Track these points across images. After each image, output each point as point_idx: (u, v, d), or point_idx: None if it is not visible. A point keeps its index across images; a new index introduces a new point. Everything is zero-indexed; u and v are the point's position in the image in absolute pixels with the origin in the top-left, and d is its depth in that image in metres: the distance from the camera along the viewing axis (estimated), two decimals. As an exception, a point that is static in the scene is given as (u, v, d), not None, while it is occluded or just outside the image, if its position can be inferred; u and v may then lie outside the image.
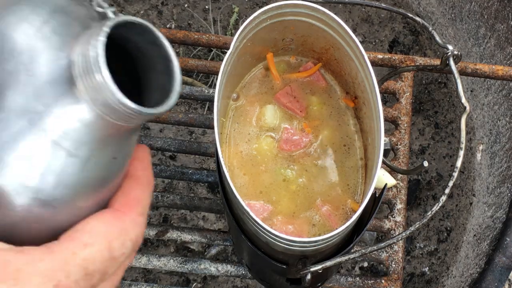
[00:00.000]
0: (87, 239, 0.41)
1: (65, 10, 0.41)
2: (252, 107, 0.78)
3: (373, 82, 0.68)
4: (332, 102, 0.79)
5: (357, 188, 0.76)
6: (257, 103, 0.78)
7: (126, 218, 0.44)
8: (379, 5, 0.76)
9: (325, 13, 0.69)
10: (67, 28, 0.40)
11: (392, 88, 1.05)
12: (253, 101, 0.78)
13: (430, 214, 0.67)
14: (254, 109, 0.77)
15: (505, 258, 0.95)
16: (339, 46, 0.72)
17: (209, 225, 1.30)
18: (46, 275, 0.39)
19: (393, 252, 0.98)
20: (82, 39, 0.39)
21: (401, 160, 1.02)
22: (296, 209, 0.74)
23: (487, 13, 1.19)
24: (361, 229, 0.72)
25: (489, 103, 1.21)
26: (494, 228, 1.05)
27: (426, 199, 1.34)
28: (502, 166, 1.14)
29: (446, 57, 0.72)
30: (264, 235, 0.66)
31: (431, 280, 1.27)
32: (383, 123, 0.67)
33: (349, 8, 1.44)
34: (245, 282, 1.26)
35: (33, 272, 0.39)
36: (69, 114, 0.39)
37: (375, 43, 1.43)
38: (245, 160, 0.76)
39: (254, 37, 0.71)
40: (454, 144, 1.36)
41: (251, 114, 0.77)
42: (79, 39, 0.39)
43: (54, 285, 0.39)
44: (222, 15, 1.44)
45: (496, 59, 1.17)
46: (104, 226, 0.42)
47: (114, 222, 0.43)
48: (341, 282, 0.96)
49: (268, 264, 0.74)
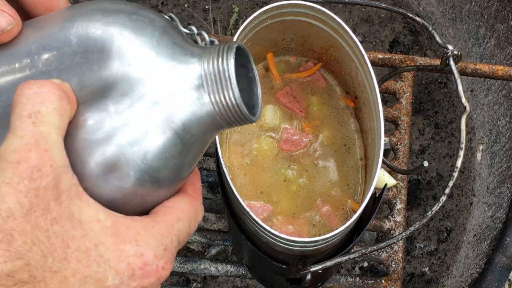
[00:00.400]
0: (179, 215, 0.50)
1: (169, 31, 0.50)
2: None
3: (373, 82, 0.68)
4: (332, 102, 0.79)
5: (357, 188, 0.76)
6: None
7: (197, 203, 0.53)
8: (379, 5, 0.76)
9: (325, 13, 0.69)
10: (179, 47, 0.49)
11: (392, 88, 1.05)
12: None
13: (430, 214, 0.67)
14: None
15: (505, 258, 0.95)
16: (339, 46, 0.72)
17: (209, 225, 1.30)
18: (159, 239, 0.48)
19: (393, 252, 0.98)
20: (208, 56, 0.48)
21: (401, 160, 1.02)
22: (296, 210, 0.74)
23: (487, 13, 1.19)
24: (361, 229, 0.72)
25: (489, 103, 1.21)
26: (494, 228, 1.05)
27: (426, 199, 1.34)
28: (502, 166, 1.14)
29: (446, 57, 0.72)
30: (264, 235, 0.66)
31: (431, 280, 1.27)
32: (383, 123, 0.67)
33: (349, 8, 1.44)
34: (245, 282, 1.26)
35: (149, 235, 0.47)
36: (193, 112, 0.47)
37: (375, 43, 1.43)
38: (245, 160, 0.76)
39: (254, 37, 0.71)
40: (454, 144, 1.36)
41: (251, 114, 0.77)
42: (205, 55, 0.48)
43: (163, 248, 0.48)
44: (222, 15, 1.44)
45: (496, 59, 1.17)
46: (188, 206, 0.51)
47: (192, 205, 0.52)
48: (341, 282, 0.96)
49: (268, 264, 0.74)
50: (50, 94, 0.45)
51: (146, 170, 0.47)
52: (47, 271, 0.43)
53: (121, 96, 0.46)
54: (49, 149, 0.43)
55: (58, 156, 0.44)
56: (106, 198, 0.47)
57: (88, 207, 0.45)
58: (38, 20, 0.51)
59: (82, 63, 0.47)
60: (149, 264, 0.47)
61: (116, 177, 0.46)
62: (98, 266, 0.45)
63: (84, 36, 0.47)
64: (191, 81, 0.48)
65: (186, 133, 0.48)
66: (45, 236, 0.43)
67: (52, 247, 0.43)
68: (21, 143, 0.43)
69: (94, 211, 0.46)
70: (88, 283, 0.45)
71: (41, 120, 0.44)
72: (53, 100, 0.44)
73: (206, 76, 0.47)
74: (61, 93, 0.45)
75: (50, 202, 0.43)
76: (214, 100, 0.47)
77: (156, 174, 0.47)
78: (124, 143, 0.46)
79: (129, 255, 0.46)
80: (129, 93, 0.46)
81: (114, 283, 0.46)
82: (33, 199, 0.43)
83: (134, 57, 0.47)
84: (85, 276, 0.44)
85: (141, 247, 0.47)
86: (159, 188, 0.49)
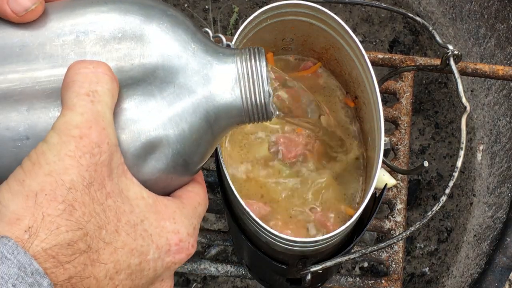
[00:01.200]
0: (199, 199, 0.55)
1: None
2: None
3: (373, 82, 0.67)
4: (332, 102, 0.79)
5: (357, 188, 0.75)
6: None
7: (205, 190, 0.57)
8: (379, 5, 0.76)
9: (325, 13, 0.69)
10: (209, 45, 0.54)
11: (392, 88, 1.05)
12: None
13: (430, 214, 0.66)
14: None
15: (506, 258, 0.95)
16: (339, 46, 0.72)
17: (209, 225, 1.30)
18: (189, 218, 0.52)
19: (393, 252, 0.98)
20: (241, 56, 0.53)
21: (401, 160, 1.02)
22: (294, 211, 0.74)
23: (487, 13, 1.19)
24: (361, 229, 0.72)
25: (489, 103, 1.21)
26: (495, 228, 1.05)
27: (426, 199, 1.34)
28: (503, 166, 1.14)
29: (447, 57, 0.72)
30: (264, 235, 0.66)
31: (431, 280, 1.27)
32: (383, 123, 0.67)
33: (349, 8, 1.44)
34: (245, 282, 1.26)
35: (183, 215, 0.52)
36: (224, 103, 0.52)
37: (375, 43, 1.42)
38: (245, 160, 0.76)
39: (254, 37, 0.71)
40: (454, 144, 1.35)
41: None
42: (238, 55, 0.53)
43: (193, 227, 0.53)
44: (222, 15, 1.43)
45: (496, 59, 1.17)
46: (203, 192, 0.56)
47: (203, 190, 0.57)
48: (341, 282, 0.96)
49: (268, 264, 0.74)
50: (104, 75, 0.47)
51: (182, 154, 0.51)
52: (101, 242, 0.46)
53: (165, 84, 0.50)
54: (106, 128, 0.46)
55: (112, 135, 0.47)
56: (142, 177, 0.50)
57: (133, 185, 0.49)
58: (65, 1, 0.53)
59: (120, 49, 0.50)
60: (183, 241, 0.51)
61: (155, 158, 0.50)
62: (143, 240, 0.48)
63: (122, 23, 0.50)
64: (226, 77, 0.52)
65: (216, 123, 0.52)
66: (101, 209, 0.46)
67: (107, 220, 0.46)
68: (82, 120, 0.45)
69: (138, 188, 0.49)
70: (134, 255, 0.47)
71: (98, 100, 0.46)
72: (107, 81, 0.47)
73: (240, 74, 0.52)
74: (112, 75, 0.48)
75: (105, 177, 0.46)
76: (244, 96, 0.52)
77: (188, 159, 0.52)
78: (167, 126, 0.49)
79: (168, 231, 0.50)
80: (171, 81, 0.50)
81: (154, 257, 0.49)
82: (92, 173, 0.45)
83: (173, 48, 0.50)
84: (131, 249, 0.47)
85: (178, 224, 0.51)
86: (186, 172, 0.53)
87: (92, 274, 0.45)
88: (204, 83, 0.51)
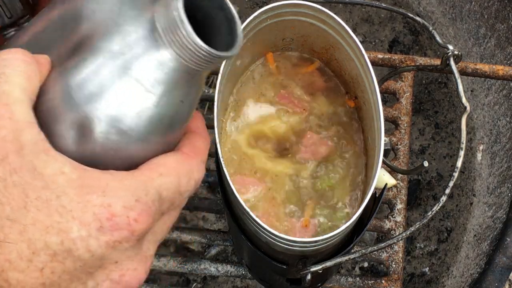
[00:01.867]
0: (162, 170, 0.49)
1: None
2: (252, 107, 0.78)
3: (373, 82, 0.67)
4: (332, 101, 0.79)
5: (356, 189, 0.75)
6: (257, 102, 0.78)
7: (193, 162, 0.51)
8: (379, 5, 0.76)
9: (325, 13, 0.69)
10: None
11: (392, 88, 1.05)
12: (253, 101, 0.78)
13: (430, 214, 0.66)
14: (254, 109, 0.77)
15: (506, 258, 0.95)
16: (339, 46, 0.72)
17: (209, 225, 1.30)
18: (130, 190, 0.46)
19: (393, 252, 0.98)
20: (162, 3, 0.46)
21: (401, 160, 1.02)
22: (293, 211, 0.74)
23: (487, 13, 1.19)
24: (361, 229, 0.72)
25: (489, 103, 1.21)
26: (495, 228, 1.05)
27: (426, 199, 1.34)
28: (503, 166, 1.14)
29: (447, 57, 0.72)
30: (264, 235, 0.66)
31: (431, 280, 1.27)
32: (383, 123, 0.67)
33: (349, 8, 1.44)
34: (245, 282, 1.26)
35: (118, 186, 0.46)
36: (151, 57, 0.46)
37: (375, 43, 1.43)
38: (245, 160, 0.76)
39: (254, 37, 0.71)
40: (455, 144, 1.36)
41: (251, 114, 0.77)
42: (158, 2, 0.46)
43: (135, 199, 0.46)
44: (222, 15, 1.43)
45: (496, 59, 1.17)
46: (176, 163, 0.50)
47: (184, 162, 0.51)
48: (341, 282, 0.96)
49: (268, 264, 0.74)
50: (15, 60, 0.47)
51: (109, 122, 0.46)
52: (4, 219, 0.44)
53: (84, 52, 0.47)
54: (9, 104, 0.45)
55: (19, 111, 0.45)
56: (81, 154, 0.47)
57: (54, 161, 0.45)
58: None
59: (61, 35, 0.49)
60: (118, 215, 0.45)
61: (83, 132, 0.47)
62: (60, 216, 0.44)
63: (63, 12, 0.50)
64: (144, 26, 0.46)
65: (149, 81, 0.47)
66: (2, 185, 0.44)
67: (10, 196, 0.44)
68: None
69: (59, 164, 0.45)
70: (50, 233, 0.44)
71: (5, 80, 0.46)
72: (19, 64, 0.47)
73: (158, 18, 0.46)
74: (27, 59, 0.47)
75: (9, 153, 0.44)
76: (169, 40, 0.46)
77: (122, 126, 0.47)
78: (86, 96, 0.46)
79: (94, 205, 0.45)
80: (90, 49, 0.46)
81: (80, 235, 0.44)
82: None
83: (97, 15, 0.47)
84: (46, 226, 0.44)
85: (108, 197, 0.45)
86: (131, 143, 0.48)
87: (2, 254, 0.43)
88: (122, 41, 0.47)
